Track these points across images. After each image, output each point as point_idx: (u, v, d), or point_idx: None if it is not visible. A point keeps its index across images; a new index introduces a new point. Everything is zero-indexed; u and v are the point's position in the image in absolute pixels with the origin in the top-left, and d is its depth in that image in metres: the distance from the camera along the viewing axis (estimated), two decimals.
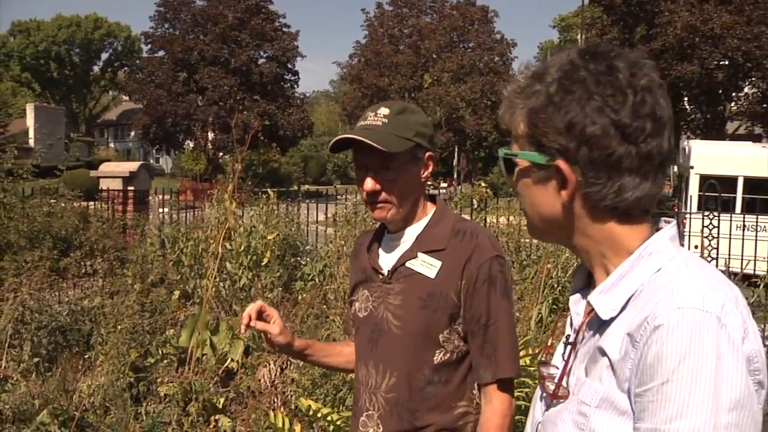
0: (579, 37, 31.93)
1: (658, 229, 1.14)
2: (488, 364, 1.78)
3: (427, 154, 1.88)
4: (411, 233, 1.89)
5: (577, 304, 1.20)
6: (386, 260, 1.91)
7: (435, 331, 1.80)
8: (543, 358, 1.25)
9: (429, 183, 2.04)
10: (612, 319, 1.10)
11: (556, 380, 1.18)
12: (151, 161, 52.41)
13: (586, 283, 1.20)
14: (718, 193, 9.86)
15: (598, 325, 1.13)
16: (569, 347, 1.20)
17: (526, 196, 1.19)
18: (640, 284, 1.08)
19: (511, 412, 1.79)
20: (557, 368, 1.20)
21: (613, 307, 1.10)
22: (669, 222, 1.16)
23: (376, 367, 1.86)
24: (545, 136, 1.10)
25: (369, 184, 1.82)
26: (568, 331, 1.23)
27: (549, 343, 1.26)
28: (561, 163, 1.10)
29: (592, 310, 1.13)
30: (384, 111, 1.84)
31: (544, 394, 1.22)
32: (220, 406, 4.26)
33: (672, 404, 0.96)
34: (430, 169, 1.89)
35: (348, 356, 2.04)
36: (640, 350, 1.01)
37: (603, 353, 1.08)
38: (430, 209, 1.93)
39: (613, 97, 1.05)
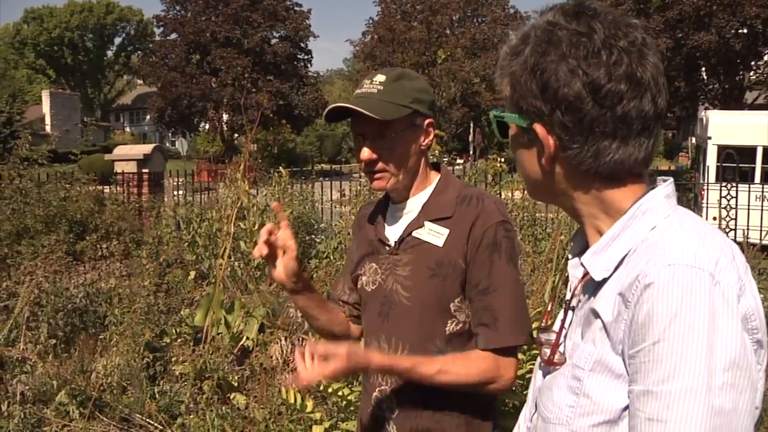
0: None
1: (653, 188, 1.10)
2: (485, 331, 1.73)
3: (427, 120, 1.83)
4: (416, 202, 1.85)
5: (575, 268, 1.17)
6: (392, 231, 1.87)
7: (446, 300, 1.76)
8: (543, 324, 1.23)
9: (445, 159, 1.99)
10: (605, 280, 1.07)
11: (552, 346, 1.16)
12: (167, 144, 52.61)
13: (585, 246, 1.17)
14: (736, 163, 9.75)
15: (592, 287, 1.11)
16: (566, 312, 1.18)
17: (517, 159, 1.19)
18: (633, 243, 1.06)
19: (494, 377, 1.71)
20: (556, 333, 1.18)
21: (606, 267, 1.07)
22: (666, 180, 1.12)
23: (388, 341, 1.82)
24: (523, 99, 1.09)
25: (365, 153, 1.78)
26: (567, 295, 1.20)
27: (549, 309, 1.24)
28: (538, 127, 1.08)
29: (588, 272, 1.11)
30: (380, 78, 1.79)
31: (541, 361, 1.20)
32: (236, 384, 4.29)
33: (664, 365, 0.93)
34: (431, 136, 1.85)
35: (333, 318, 1.98)
36: (632, 310, 0.98)
37: (596, 315, 1.06)
38: (434, 177, 1.88)
39: (586, 59, 1.02)
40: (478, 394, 1.76)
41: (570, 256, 1.22)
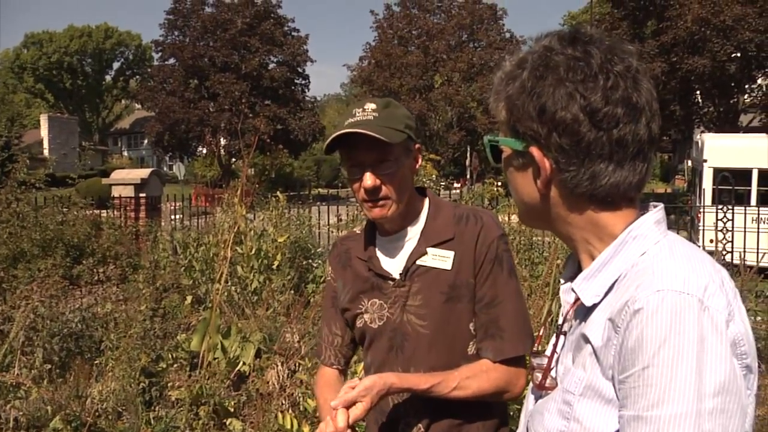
0: None
1: (643, 214, 1.11)
2: (491, 343, 1.75)
3: (416, 146, 1.85)
4: (413, 230, 1.84)
5: (567, 293, 1.18)
6: (393, 263, 1.84)
7: (465, 321, 1.78)
8: (535, 349, 1.23)
9: (442, 183, 2.00)
10: (595, 305, 1.08)
11: (543, 371, 1.16)
12: (165, 168, 52.68)
13: (577, 271, 1.18)
14: (732, 186, 9.78)
15: (583, 312, 1.11)
16: (558, 336, 1.18)
17: (511, 183, 1.19)
18: (624, 269, 1.06)
19: (507, 387, 1.76)
20: (548, 358, 1.18)
21: (596, 293, 1.08)
22: (656, 206, 1.13)
23: (406, 371, 1.77)
24: (520, 122, 1.09)
25: (370, 180, 1.74)
26: (559, 320, 1.21)
27: (541, 333, 1.24)
28: (534, 150, 1.09)
29: (578, 297, 1.11)
30: (371, 106, 1.79)
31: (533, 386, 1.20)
32: (232, 410, 4.26)
33: (654, 390, 0.94)
34: (419, 161, 1.87)
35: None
36: (621, 335, 0.99)
37: (586, 340, 1.07)
38: (424, 202, 1.89)
39: (584, 83, 1.03)
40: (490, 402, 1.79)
41: (562, 281, 1.22)
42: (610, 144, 1.04)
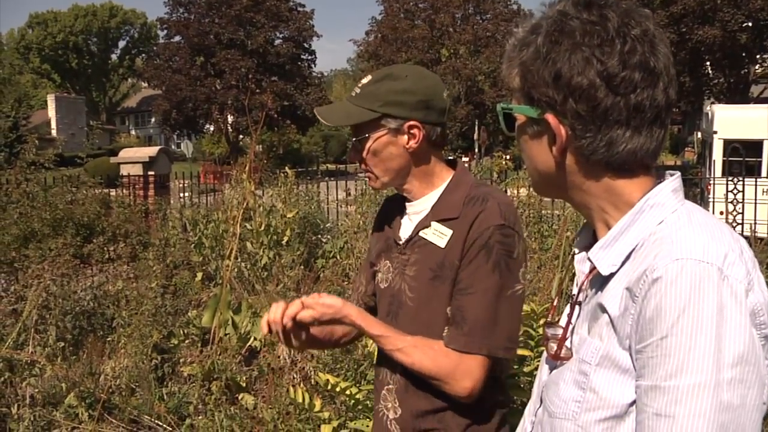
0: None
1: (660, 182, 1.10)
2: (451, 329, 1.69)
3: (408, 123, 1.77)
4: (427, 202, 1.83)
5: (582, 263, 1.16)
6: (404, 230, 1.87)
7: (444, 304, 1.73)
8: (549, 319, 1.23)
9: (450, 157, 1.96)
10: (612, 275, 1.07)
11: (558, 341, 1.16)
12: (173, 146, 52.70)
13: (592, 240, 1.16)
14: (742, 157, 9.71)
15: (600, 282, 1.10)
16: (573, 307, 1.17)
17: (525, 151, 1.17)
18: (641, 238, 1.05)
19: (449, 378, 1.66)
20: (562, 328, 1.17)
21: (613, 262, 1.07)
22: (673, 174, 1.12)
23: None
24: (535, 88, 1.08)
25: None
26: (574, 290, 1.20)
27: (554, 303, 1.23)
28: (550, 117, 1.07)
29: (595, 267, 1.10)
30: (364, 80, 1.81)
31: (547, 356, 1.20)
32: (244, 385, 4.29)
33: (672, 360, 0.93)
34: (418, 137, 1.78)
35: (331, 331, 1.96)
36: (639, 305, 0.97)
37: (603, 310, 1.06)
38: (447, 175, 1.85)
39: (600, 47, 1.02)
40: (482, 395, 1.70)
41: (576, 251, 1.21)
42: (628, 109, 1.03)
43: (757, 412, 0.94)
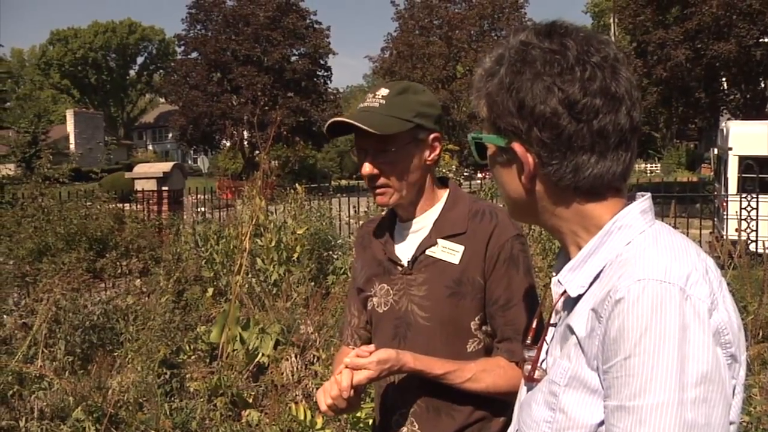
0: (611, 21, 31.40)
1: (630, 203, 1.11)
2: (508, 345, 1.71)
3: (432, 135, 1.78)
4: (426, 219, 1.82)
5: (555, 285, 1.17)
6: (403, 250, 1.83)
7: (466, 319, 1.74)
8: (528, 341, 1.24)
9: (465, 173, 1.95)
10: (580, 296, 1.08)
11: (532, 362, 1.17)
12: (189, 162, 53.11)
13: (566, 263, 1.18)
14: (756, 174, 9.64)
15: (570, 303, 1.11)
16: (547, 328, 1.18)
17: (497, 179, 1.19)
18: (608, 259, 1.06)
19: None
20: (537, 350, 1.18)
21: (581, 284, 1.08)
22: (644, 195, 1.13)
23: None
24: (501, 118, 1.10)
25: (366, 168, 1.75)
26: (553, 313, 1.21)
27: (533, 326, 1.24)
28: (516, 146, 1.09)
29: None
30: (383, 92, 1.76)
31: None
32: (250, 401, 4.30)
33: (636, 379, 0.93)
34: (437, 151, 1.79)
35: None
36: (604, 325, 0.98)
37: (571, 331, 1.07)
38: (442, 193, 1.85)
39: (561, 76, 1.03)
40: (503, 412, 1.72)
41: (554, 274, 1.22)
42: (591, 135, 1.04)
43: (722, 430, 0.94)
